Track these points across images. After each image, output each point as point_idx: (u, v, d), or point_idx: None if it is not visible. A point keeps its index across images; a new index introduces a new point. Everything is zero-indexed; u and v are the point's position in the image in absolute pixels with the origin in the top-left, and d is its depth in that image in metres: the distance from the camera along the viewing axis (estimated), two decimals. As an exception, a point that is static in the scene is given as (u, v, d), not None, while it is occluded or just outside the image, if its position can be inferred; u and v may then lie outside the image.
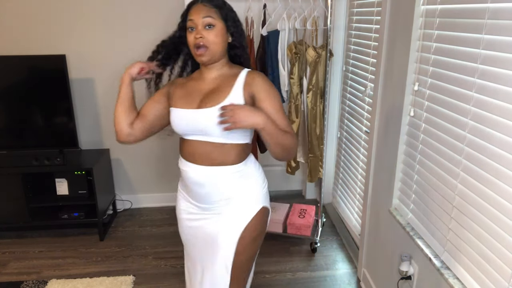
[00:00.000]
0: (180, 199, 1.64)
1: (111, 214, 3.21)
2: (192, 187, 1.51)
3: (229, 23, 1.46)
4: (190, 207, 1.59)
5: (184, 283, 2.42)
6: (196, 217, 1.58)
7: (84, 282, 2.42)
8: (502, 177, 1.22)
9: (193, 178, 1.48)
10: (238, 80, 1.46)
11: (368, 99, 2.43)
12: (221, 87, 1.45)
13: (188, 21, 1.44)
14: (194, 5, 1.45)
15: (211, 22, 1.41)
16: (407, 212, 1.84)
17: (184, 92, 1.51)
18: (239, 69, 1.51)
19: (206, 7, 1.42)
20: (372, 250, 2.26)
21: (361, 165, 2.58)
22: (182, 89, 1.52)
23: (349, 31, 2.85)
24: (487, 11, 1.26)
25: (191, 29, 1.43)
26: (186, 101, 1.48)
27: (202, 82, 1.51)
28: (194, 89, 1.50)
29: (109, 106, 3.10)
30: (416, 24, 1.68)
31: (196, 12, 1.42)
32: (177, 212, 1.66)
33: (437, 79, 1.57)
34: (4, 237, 2.91)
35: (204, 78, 1.51)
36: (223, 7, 1.46)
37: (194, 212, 1.58)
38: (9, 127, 2.83)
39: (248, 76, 1.46)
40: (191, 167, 1.48)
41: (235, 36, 1.49)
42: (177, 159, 1.59)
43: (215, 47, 1.43)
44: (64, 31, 2.92)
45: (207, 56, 1.43)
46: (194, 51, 1.44)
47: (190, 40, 1.44)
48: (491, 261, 1.28)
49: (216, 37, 1.42)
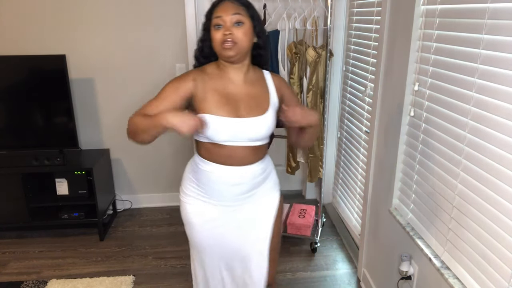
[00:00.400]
0: (193, 203, 1.57)
1: (111, 214, 3.21)
2: (225, 188, 1.51)
3: (255, 22, 1.44)
4: (210, 209, 1.55)
5: (185, 283, 2.43)
6: (218, 217, 1.56)
7: (84, 282, 2.42)
8: (502, 177, 1.22)
9: (229, 180, 1.49)
10: (268, 83, 1.52)
11: (368, 99, 2.43)
12: (258, 92, 1.48)
13: (214, 18, 1.40)
14: (221, 2, 1.42)
15: (241, 19, 1.39)
16: (407, 212, 1.84)
17: (219, 97, 1.43)
18: (259, 70, 1.54)
19: (235, 5, 1.40)
20: (372, 250, 2.26)
21: (361, 165, 2.58)
22: (214, 93, 1.43)
23: (349, 31, 2.85)
24: (487, 11, 1.26)
25: (218, 26, 1.39)
26: (226, 108, 1.42)
27: (232, 85, 1.47)
28: (229, 93, 1.45)
29: (109, 106, 3.11)
30: (416, 24, 1.68)
31: (225, 9, 1.38)
32: (189, 217, 1.59)
33: (437, 79, 1.57)
34: (4, 237, 2.91)
35: (232, 80, 1.47)
36: (250, 6, 1.45)
37: (215, 212, 1.55)
38: (9, 127, 2.83)
39: (274, 78, 1.54)
40: (227, 170, 1.48)
41: (260, 36, 1.47)
42: (177, 159, 1.59)
43: (243, 44, 1.40)
44: (64, 31, 2.92)
45: (234, 51, 1.38)
46: (220, 47, 1.39)
47: (217, 37, 1.39)
48: (491, 261, 1.28)
49: (245, 35, 1.39)
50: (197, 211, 1.57)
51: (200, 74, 1.47)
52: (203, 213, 1.56)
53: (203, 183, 1.53)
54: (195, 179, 1.56)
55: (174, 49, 3.02)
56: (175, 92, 1.42)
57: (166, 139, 3.22)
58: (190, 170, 1.60)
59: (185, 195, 1.60)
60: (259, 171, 1.54)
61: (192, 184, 1.57)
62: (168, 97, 1.42)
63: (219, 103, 1.42)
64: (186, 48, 3.02)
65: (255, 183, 1.55)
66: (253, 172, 1.51)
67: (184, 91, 1.42)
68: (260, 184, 1.57)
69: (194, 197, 1.57)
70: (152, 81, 3.08)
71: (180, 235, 2.95)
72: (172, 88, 1.43)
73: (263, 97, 1.49)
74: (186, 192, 1.59)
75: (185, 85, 1.43)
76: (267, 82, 1.53)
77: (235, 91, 1.46)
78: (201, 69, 1.49)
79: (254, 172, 1.52)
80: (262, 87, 1.51)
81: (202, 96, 1.43)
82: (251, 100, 1.46)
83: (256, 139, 1.47)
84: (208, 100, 1.42)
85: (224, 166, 1.47)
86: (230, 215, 1.57)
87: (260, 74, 1.54)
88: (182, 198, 1.63)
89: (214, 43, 1.41)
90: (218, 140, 1.44)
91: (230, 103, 1.43)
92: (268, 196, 1.62)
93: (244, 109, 1.44)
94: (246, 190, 1.54)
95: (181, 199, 1.63)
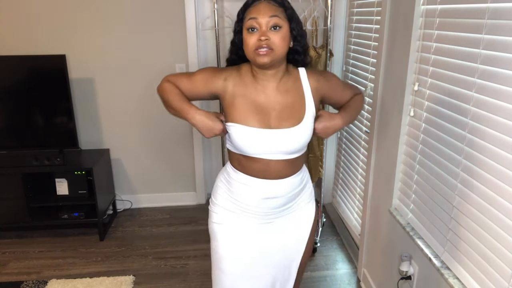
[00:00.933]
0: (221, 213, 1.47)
1: (111, 214, 3.21)
2: (259, 202, 1.41)
3: (293, 25, 1.31)
4: (240, 221, 1.45)
5: (185, 283, 2.43)
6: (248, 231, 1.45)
7: (84, 282, 2.42)
8: (502, 177, 1.22)
9: (264, 194, 1.40)
10: (305, 87, 1.38)
11: (368, 99, 2.43)
12: (293, 100, 1.36)
13: (249, 20, 1.26)
14: (256, 2, 1.29)
15: (278, 23, 1.25)
16: (407, 212, 1.84)
17: (248, 105, 1.33)
18: (295, 70, 1.41)
19: (272, 6, 1.27)
20: (372, 250, 2.26)
21: (361, 165, 2.58)
22: (243, 99, 1.34)
23: (349, 31, 2.85)
24: (487, 11, 1.26)
25: (252, 29, 1.26)
26: (255, 117, 1.32)
27: (264, 92, 1.35)
28: (260, 102, 1.34)
29: (109, 106, 3.11)
30: (416, 24, 1.68)
31: (261, 11, 1.25)
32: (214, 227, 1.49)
33: (437, 79, 1.57)
34: (4, 237, 2.91)
35: (264, 86, 1.35)
36: (288, 7, 1.31)
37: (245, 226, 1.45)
38: (9, 127, 2.83)
39: (310, 79, 1.40)
40: (261, 184, 1.39)
41: (298, 40, 1.34)
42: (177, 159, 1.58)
43: (280, 51, 1.27)
44: (64, 31, 2.92)
45: (270, 57, 1.25)
46: (253, 53, 1.26)
47: (251, 42, 1.26)
48: (491, 261, 1.28)
49: (282, 40, 1.26)
50: (224, 221, 1.46)
51: (234, 75, 1.37)
52: (231, 225, 1.45)
53: (237, 194, 1.43)
54: (228, 189, 1.47)
55: (174, 49, 3.02)
56: (204, 84, 1.38)
57: (167, 139, 3.22)
58: (223, 179, 1.50)
59: (213, 205, 1.51)
60: (297, 183, 1.45)
61: (223, 194, 1.48)
62: (198, 86, 1.39)
63: (248, 112, 1.32)
64: (186, 48, 3.02)
65: (292, 196, 1.46)
66: (290, 185, 1.42)
67: (213, 87, 1.37)
68: (296, 196, 1.48)
69: (223, 207, 1.47)
70: (152, 81, 3.07)
71: (180, 235, 2.95)
72: (204, 79, 1.38)
73: (298, 105, 1.36)
74: (215, 201, 1.50)
75: (216, 82, 1.37)
76: (303, 86, 1.38)
77: (266, 100, 1.34)
78: (237, 68, 1.39)
79: (291, 185, 1.42)
80: (297, 94, 1.37)
81: (230, 101, 1.35)
82: (284, 110, 1.34)
83: (291, 152, 1.36)
84: (236, 107, 1.34)
85: (258, 179, 1.38)
86: (262, 229, 1.46)
87: (296, 75, 1.39)
88: (210, 208, 1.52)
89: (246, 48, 1.29)
90: (248, 153, 1.35)
91: (260, 113, 1.33)
92: (304, 209, 1.53)
93: (275, 119, 1.33)
94: (281, 204, 1.44)
95: (210, 209, 1.53)
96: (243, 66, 1.39)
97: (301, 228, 1.54)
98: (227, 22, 3.01)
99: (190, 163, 3.30)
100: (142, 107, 3.12)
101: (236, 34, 1.36)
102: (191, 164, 3.30)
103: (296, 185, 1.45)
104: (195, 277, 2.49)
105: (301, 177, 1.48)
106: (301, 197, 1.51)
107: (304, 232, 1.54)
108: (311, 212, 1.56)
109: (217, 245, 1.48)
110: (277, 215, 1.47)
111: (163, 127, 3.18)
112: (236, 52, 1.39)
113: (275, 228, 1.48)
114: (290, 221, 1.50)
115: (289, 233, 1.51)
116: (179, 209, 3.34)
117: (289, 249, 1.53)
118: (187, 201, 3.40)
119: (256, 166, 1.37)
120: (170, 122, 3.16)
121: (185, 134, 3.22)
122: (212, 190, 1.56)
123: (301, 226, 1.54)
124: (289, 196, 1.44)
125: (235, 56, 1.40)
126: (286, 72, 1.37)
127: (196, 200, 3.42)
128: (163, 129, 3.19)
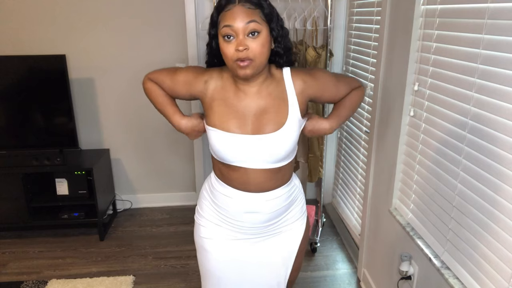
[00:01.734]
0: (208, 226, 1.40)
1: (111, 214, 3.21)
2: (241, 216, 1.33)
3: (273, 25, 1.19)
4: (226, 235, 1.38)
5: (185, 283, 2.43)
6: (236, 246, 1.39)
7: (84, 282, 2.42)
8: (502, 177, 1.22)
9: (247, 207, 1.30)
10: (288, 89, 1.26)
11: (368, 99, 2.43)
12: (274, 104, 1.25)
13: (223, 27, 1.15)
14: (229, 5, 1.15)
15: (256, 28, 1.13)
16: (407, 212, 1.84)
17: (227, 108, 1.25)
18: (279, 71, 1.29)
19: (248, 9, 1.14)
20: (372, 250, 2.26)
21: (361, 165, 2.58)
22: (221, 103, 1.26)
23: (349, 31, 2.85)
24: (487, 11, 1.26)
25: (228, 37, 1.15)
26: (236, 123, 1.24)
27: (244, 96, 1.26)
28: (238, 105, 1.25)
29: (109, 106, 3.11)
30: (416, 24, 1.68)
31: (236, 17, 1.13)
32: (203, 242, 1.41)
33: (437, 79, 1.57)
34: (4, 237, 2.91)
35: (245, 91, 1.25)
36: (264, 5, 1.18)
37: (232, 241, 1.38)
38: (9, 127, 2.83)
39: (295, 80, 1.27)
40: (242, 196, 1.29)
41: (279, 41, 1.22)
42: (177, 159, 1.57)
43: (261, 59, 1.16)
44: (64, 31, 2.92)
45: (252, 70, 1.16)
46: (233, 64, 1.16)
47: (228, 52, 1.15)
48: (491, 261, 1.28)
49: (262, 47, 1.15)
50: (212, 236, 1.39)
51: (215, 77, 1.29)
52: (219, 239, 1.38)
53: (220, 206, 1.36)
54: (211, 199, 1.40)
55: (174, 49, 3.02)
56: (186, 87, 1.32)
57: (166, 139, 3.22)
58: (208, 187, 1.42)
59: (200, 216, 1.44)
60: (282, 199, 1.34)
61: (207, 204, 1.41)
62: (179, 88, 1.33)
63: (226, 117, 1.24)
64: (186, 48, 3.02)
65: (277, 213, 1.35)
66: (274, 199, 1.32)
67: (194, 90, 1.31)
68: (282, 213, 1.37)
69: (209, 220, 1.40)
70: (152, 81, 3.08)
71: (180, 235, 2.95)
72: (186, 82, 1.31)
73: (280, 109, 1.25)
74: (201, 213, 1.43)
75: (197, 85, 1.30)
76: (287, 88, 1.26)
77: (245, 104, 1.25)
78: (219, 70, 1.31)
79: (275, 200, 1.32)
80: (280, 98, 1.26)
81: (208, 104, 1.29)
82: (264, 115, 1.24)
83: (273, 160, 1.25)
84: (214, 110, 1.27)
85: (239, 191, 1.29)
86: (248, 248, 1.39)
87: (279, 77, 1.28)
88: (196, 220, 1.46)
89: (225, 58, 1.19)
90: (226, 160, 1.26)
91: (239, 117, 1.24)
92: (292, 228, 1.43)
93: (255, 124, 1.24)
94: (265, 220, 1.34)
95: (196, 220, 1.46)
96: (226, 69, 1.29)
97: (288, 247, 1.44)
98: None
99: (190, 163, 3.30)
100: (142, 107, 3.12)
101: (212, 38, 1.24)
102: (191, 164, 3.30)
103: (281, 201, 1.34)
104: (195, 277, 2.49)
105: (288, 190, 1.36)
106: (289, 213, 1.41)
107: (291, 252, 1.46)
108: (299, 230, 1.45)
109: (206, 260, 1.42)
110: (262, 233, 1.38)
111: (163, 127, 3.18)
112: (213, 56, 1.29)
113: (261, 247, 1.41)
114: (277, 240, 1.42)
115: (276, 253, 1.43)
116: (179, 209, 3.34)
117: (276, 269, 1.46)
118: (187, 201, 3.40)
119: (236, 176, 1.28)
120: (170, 122, 3.17)
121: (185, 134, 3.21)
122: (198, 197, 1.50)
123: (289, 245, 1.44)
124: (273, 212, 1.34)
125: (214, 60, 1.31)
126: (268, 74, 1.27)
127: (196, 200, 3.41)
128: (163, 129, 3.19)
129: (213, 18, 1.21)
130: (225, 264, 1.41)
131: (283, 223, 1.41)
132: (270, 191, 1.31)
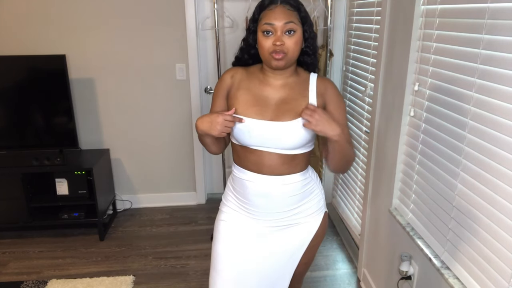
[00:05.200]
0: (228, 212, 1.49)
1: (111, 214, 3.21)
2: (255, 199, 1.40)
3: (306, 27, 1.33)
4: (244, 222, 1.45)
5: (185, 283, 2.43)
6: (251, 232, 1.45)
7: (84, 282, 2.42)
8: (502, 177, 1.22)
9: (260, 189, 1.39)
10: (311, 88, 1.38)
11: (368, 99, 2.43)
12: (295, 97, 1.36)
13: (264, 24, 1.28)
14: (271, 5, 1.30)
15: (293, 28, 1.28)
16: (407, 212, 1.84)
17: (250, 97, 1.37)
18: (306, 73, 1.42)
19: (288, 11, 1.29)
20: (372, 250, 2.26)
21: (361, 165, 2.58)
22: (246, 92, 1.38)
23: (349, 31, 2.85)
24: (487, 11, 1.26)
25: (267, 33, 1.28)
26: (257, 110, 1.34)
27: (268, 87, 1.38)
28: (262, 95, 1.37)
29: (109, 106, 3.11)
30: (416, 24, 1.68)
31: (277, 16, 1.27)
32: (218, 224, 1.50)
33: (437, 79, 1.57)
34: (4, 237, 2.91)
35: (270, 83, 1.38)
36: (302, 9, 1.34)
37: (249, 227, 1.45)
38: (9, 127, 2.83)
39: (319, 83, 1.39)
40: (256, 178, 1.38)
41: (309, 43, 1.37)
42: (177, 159, 1.58)
43: (293, 54, 1.31)
44: (64, 31, 2.92)
45: (284, 62, 1.29)
46: (269, 56, 1.29)
47: (266, 45, 1.28)
48: (491, 261, 1.28)
49: (296, 44, 1.30)
50: (228, 219, 1.47)
51: (241, 71, 1.42)
52: (234, 222, 1.46)
53: (237, 191, 1.45)
54: (232, 187, 1.48)
55: (174, 49, 3.02)
56: (219, 96, 1.43)
57: (166, 139, 3.22)
58: (231, 177, 1.52)
59: (222, 204, 1.54)
60: (296, 186, 1.40)
61: (229, 193, 1.50)
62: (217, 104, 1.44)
63: (248, 104, 1.35)
64: (186, 48, 3.02)
65: (290, 201, 1.41)
66: (287, 184, 1.39)
67: (225, 90, 1.42)
68: (296, 202, 1.43)
69: (229, 206, 1.49)
70: (152, 81, 3.08)
71: (180, 235, 2.95)
72: (216, 95, 1.44)
73: (299, 102, 1.35)
74: (224, 200, 1.53)
75: (224, 84, 1.42)
76: (310, 86, 1.38)
77: (268, 94, 1.37)
78: (244, 67, 1.44)
79: (289, 184, 1.39)
80: (301, 93, 1.37)
81: (234, 94, 1.39)
82: (283, 105, 1.34)
83: (287, 147, 1.35)
84: (238, 99, 1.37)
85: (252, 173, 1.38)
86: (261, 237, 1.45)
87: (305, 78, 1.41)
88: (220, 206, 1.55)
89: (261, 50, 1.31)
90: (244, 143, 1.36)
91: (260, 105, 1.35)
92: (307, 221, 1.47)
93: (274, 112, 1.34)
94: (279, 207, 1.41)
95: (219, 207, 1.55)
96: (252, 66, 1.43)
97: (299, 241, 1.48)
98: (227, 22, 3.01)
99: (190, 163, 3.30)
100: (142, 107, 3.12)
101: (250, 33, 1.37)
102: (191, 164, 3.30)
103: (296, 188, 1.41)
104: (195, 277, 2.49)
105: (303, 179, 1.42)
106: (304, 204, 1.45)
107: (300, 246, 1.49)
108: (314, 225, 1.48)
109: (217, 242, 1.48)
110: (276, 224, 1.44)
111: (163, 127, 3.18)
112: (248, 51, 1.41)
113: (273, 238, 1.45)
114: (289, 232, 1.46)
115: (285, 245, 1.47)
116: (179, 209, 3.34)
117: (283, 261, 1.49)
118: (187, 201, 3.40)
119: (251, 158, 1.38)
120: (170, 123, 3.17)
121: (185, 134, 3.22)
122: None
123: (300, 239, 1.48)
124: (287, 198, 1.40)
125: (246, 55, 1.42)
126: (295, 73, 1.40)
127: (196, 200, 3.42)
128: (163, 129, 3.19)
129: (255, 15, 1.34)
130: (232, 248, 1.45)
131: (297, 214, 1.45)
132: (283, 175, 1.38)
